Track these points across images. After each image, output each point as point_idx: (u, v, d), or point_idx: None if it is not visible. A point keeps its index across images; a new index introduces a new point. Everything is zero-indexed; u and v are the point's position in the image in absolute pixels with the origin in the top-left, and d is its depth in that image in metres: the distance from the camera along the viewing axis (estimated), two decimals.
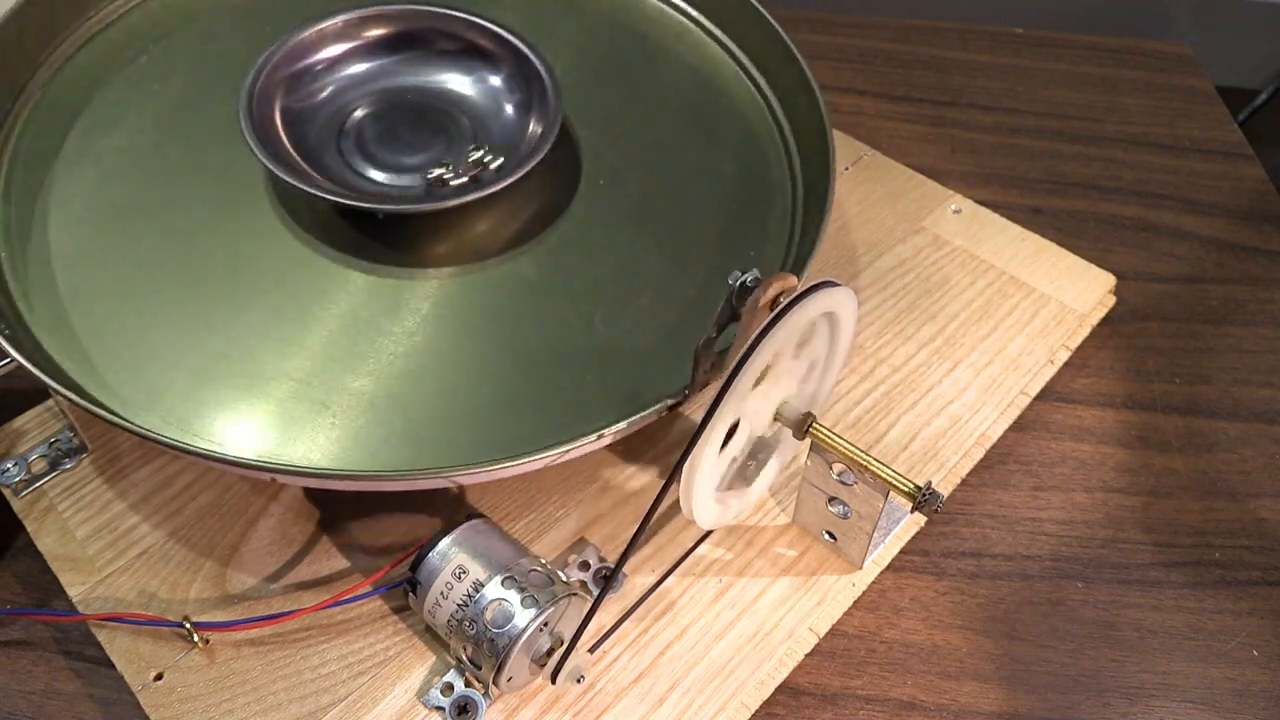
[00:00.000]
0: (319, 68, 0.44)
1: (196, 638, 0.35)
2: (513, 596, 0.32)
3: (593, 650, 0.35)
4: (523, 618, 0.32)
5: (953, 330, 0.46)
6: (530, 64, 0.43)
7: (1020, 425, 0.44)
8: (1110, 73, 0.66)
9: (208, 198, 0.41)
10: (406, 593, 0.34)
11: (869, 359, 0.45)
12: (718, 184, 0.44)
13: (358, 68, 0.45)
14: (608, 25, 0.50)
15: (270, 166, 0.39)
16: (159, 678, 0.35)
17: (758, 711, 0.35)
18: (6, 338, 0.34)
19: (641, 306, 0.39)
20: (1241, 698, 0.37)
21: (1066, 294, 0.48)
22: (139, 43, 0.47)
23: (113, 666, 0.35)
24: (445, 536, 0.34)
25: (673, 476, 0.31)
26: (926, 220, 0.52)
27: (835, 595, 0.38)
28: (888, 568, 0.40)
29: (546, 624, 0.32)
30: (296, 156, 0.41)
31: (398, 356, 0.37)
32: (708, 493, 0.34)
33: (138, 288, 0.38)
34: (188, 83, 0.45)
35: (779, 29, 0.46)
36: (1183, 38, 0.72)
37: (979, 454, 0.42)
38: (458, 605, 0.32)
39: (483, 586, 0.32)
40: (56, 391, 0.32)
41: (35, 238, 0.40)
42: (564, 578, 0.34)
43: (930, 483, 0.33)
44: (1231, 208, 0.57)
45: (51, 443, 0.41)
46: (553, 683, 0.32)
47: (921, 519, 0.41)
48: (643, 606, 0.37)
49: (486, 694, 0.34)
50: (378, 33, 0.45)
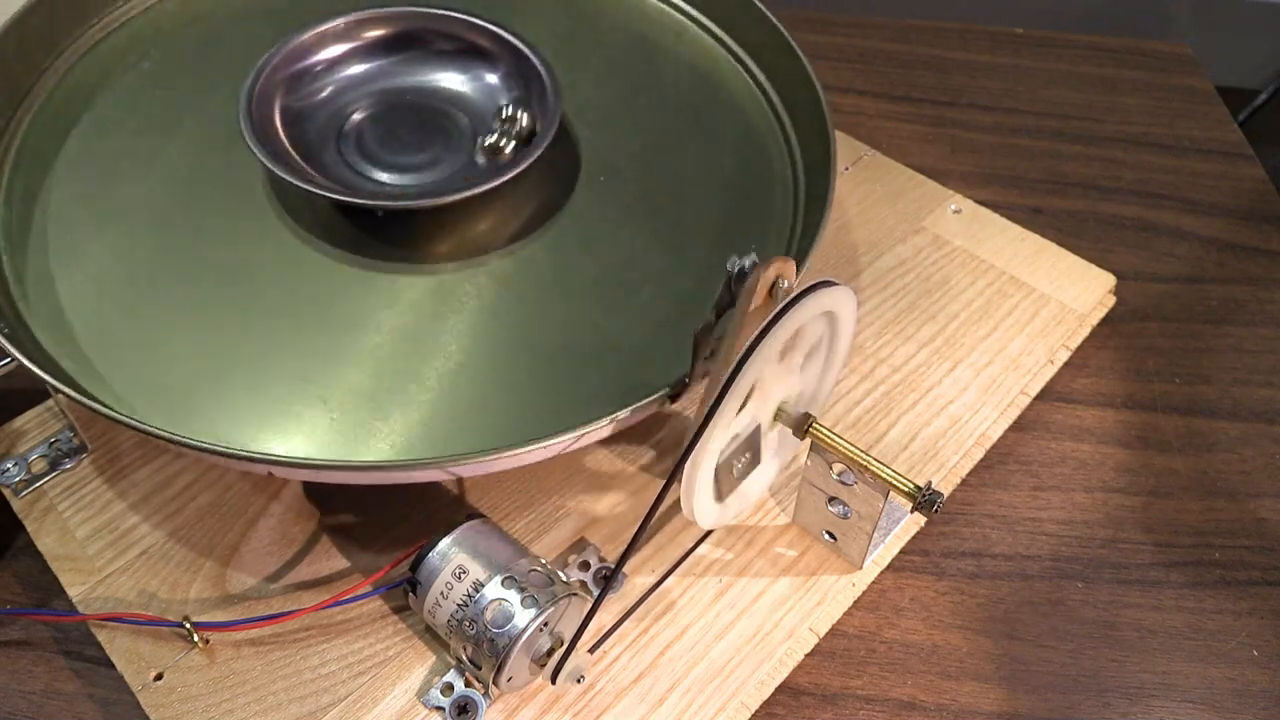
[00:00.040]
0: (318, 69, 0.44)
1: (196, 638, 0.35)
2: (513, 596, 0.32)
3: (593, 650, 0.35)
4: (523, 618, 0.32)
5: (953, 330, 0.46)
6: (528, 61, 0.43)
7: (1020, 425, 0.44)
8: (1110, 73, 0.66)
9: (207, 199, 0.41)
10: (406, 593, 0.34)
11: (869, 359, 0.45)
12: (718, 179, 0.43)
13: (357, 69, 0.45)
14: (607, 23, 0.50)
15: (268, 164, 0.39)
16: (159, 678, 0.35)
17: (758, 711, 0.35)
18: (6, 336, 0.34)
19: (642, 300, 0.39)
20: (1241, 698, 0.37)
21: (1066, 294, 0.48)
22: (141, 47, 0.47)
23: (113, 666, 0.35)
24: (445, 536, 0.34)
25: (673, 477, 0.31)
26: (926, 220, 0.52)
27: (835, 595, 0.38)
28: (888, 568, 0.40)
29: (546, 624, 0.32)
30: (296, 156, 0.41)
31: (396, 352, 0.37)
32: (708, 493, 0.34)
33: (137, 288, 0.39)
34: (188, 87, 0.45)
35: (776, 23, 0.46)
36: (1183, 38, 0.72)
37: (979, 454, 0.42)
38: (458, 605, 0.32)
39: (483, 586, 0.32)
40: (55, 389, 0.32)
41: (36, 239, 0.40)
42: (564, 578, 0.34)
43: (930, 483, 0.33)
44: (1231, 208, 0.57)
45: (51, 443, 0.41)
46: (553, 683, 0.32)
47: (921, 519, 0.41)
48: (643, 606, 0.37)
49: (486, 694, 0.34)
50: (376, 34, 0.45)
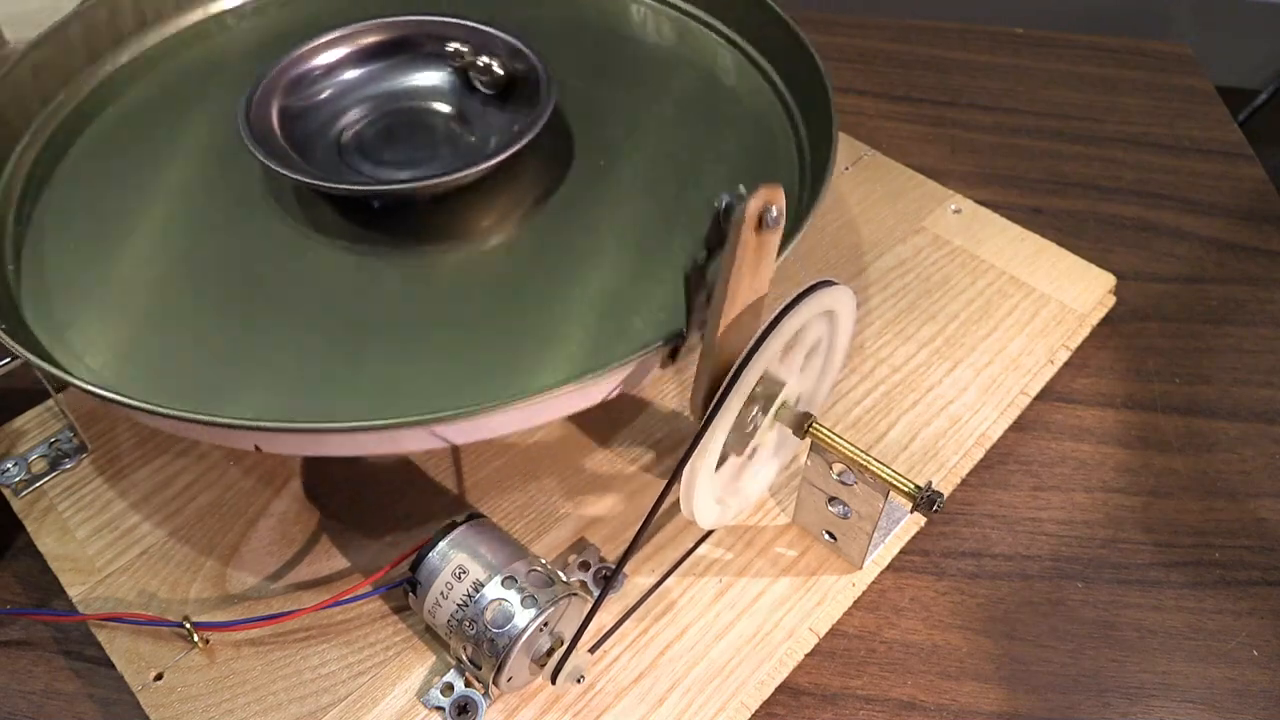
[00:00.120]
0: (316, 73, 0.45)
1: (196, 638, 0.35)
2: (513, 596, 0.32)
3: (593, 650, 0.35)
4: (523, 618, 0.32)
5: (953, 330, 0.46)
6: (519, 54, 0.44)
7: (1020, 425, 0.44)
8: (1110, 73, 0.66)
9: (208, 206, 0.42)
10: (406, 593, 0.34)
11: (869, 359, 0.45)
12: (721, 159, 0.43)
13: (352, 73, 0.45)
14: (604, 19, 0.50)
15: (265, 160, 0.39)
16: (159, 678, 0.35)
17: (758, 711, 0.35)
18: (6, 332, 0.34)
19: (643, 277, 0.39)
20: (1241, 698, 0.37)
21: (1066, 294, 0.48)
22: (149, 75, 0.48)
23: (113, 666, 0.35)
24: (445, 536, 0.34)
25: (674, 477, 0.31)
26: (926, 220, 0.52)
27: (835, 595, 0.38)
28: (888, 568, 0.40)
29: (546, 624, 0.32)
30: (294, 155, 0.41)
31: (397, 339, 0.37)
32: (708, 493, 0.34)
33: (138, 291, 0.39)
34: (192, 105, 0.46)
35: (774, 7, 0.46)
36: (1183, 38, 0.72)
37: (979, 454, 0.42)
38: (458, 605, 0.32)
39: (483, 586, 0.32)
40: (60, 381, 0.32)
41: (36, 251, 0.40)
42: (564, 578, 0.34)
43: (930, 483, 0.33)
44: (1231, 208, 0.57)
45: (51, 443, 0.41)
46: (553, 683, 0.32)
47: (921, 519, 0.41)
48: (643, 606, 0.37)
49: (486, 694, 0.34)
50: (371, 40, 0.46)
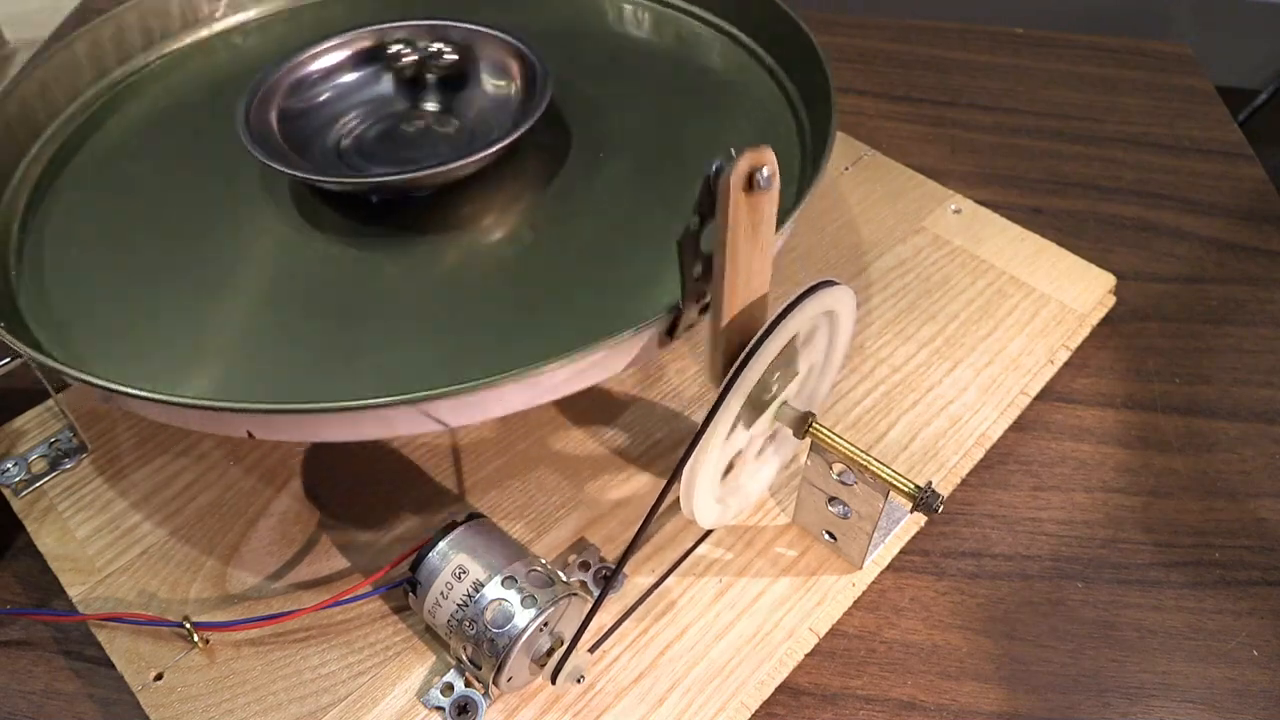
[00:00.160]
0: (315, 76, 0.45)
1: (196, 638, 0.35)
2: (513, 596, 0.32)
3: (593, 650, 0.35)
4: (523, 618, 0.32)
5: (953, 330, 0.46)
6: (516, 50, 0.44)
7: (1020, 425, 0.44)
8: (1110, 73, 0.66)
9: (208, 211, 0.42)
10: (406, 593, 0.34)
11: (869, 359, 0.45)
12: (721, 147, 0.43)
13: (351, 76, 0.46)
14: (603, 16, 0.51)
15: (265, 160, 0.39)
16: (159, 678, 0.35)
17: (758, 711, 0.35)
18: (5, 329, 0.34)
19: (644, 260, 0.39)
20: (1241, 698, 0.37)
21: (1066, 294, 0.48)
22: (154, 89, 0.48)
23: (113, 666, 0.35)
24: (445, 536, 0.34)
25: (674, 477, 0.31)
26: (926, 220, 0.52)
27: (835, 595, 0.38)
28: (888, 568, 0.40)
29: (546, 624, 0.32)
30: (293, 155, 0.41)
31: (396, 329, 0.37)
32: (708, 493, 0.34)
33: (138, 290, 0.39)
34: (197, 120, 0.47)
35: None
36: (1183, 38, 0.72)
37: (979, 454, 0.42)
38: (458, 605, 0.32)
39: (483, 586, 0.32)
40: (64, 374, 0.32)
41: (34, 254, 0.40)
42: (564, 578, 0.34)
43: (930, 483, 0.33)
44: (1231, 208, 0.57)
45: (51, 443, 0.42)
46: (553, 683, 0.32)
47: (921, 519, 0.41)
48: (643, 606, 0.37)
49: (486, 694, 0.34)
50: (370, 44, 0.46)
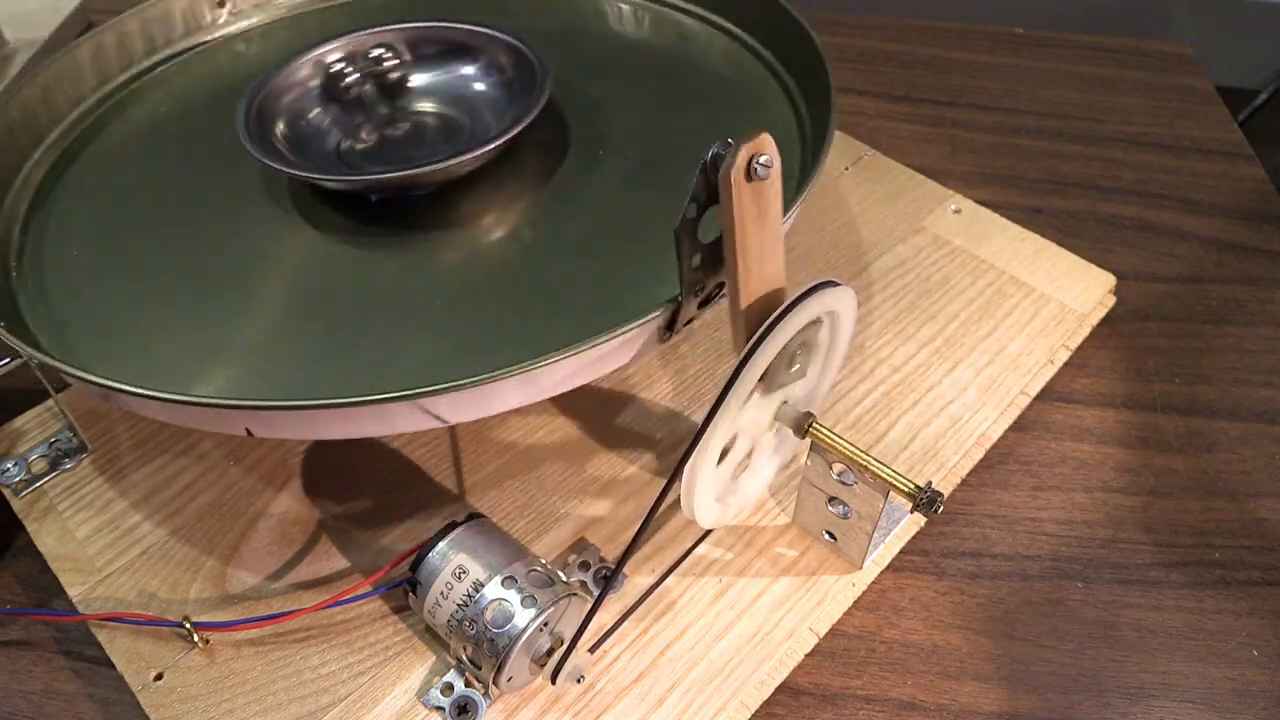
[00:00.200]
0: (315, 80, 0.45)
1: (196, 638, 0.35)
2: (513, 596, 0.32)
3: (593, 650, 0.35)
4: (523, 618, 0.32)
5: (953, 330, 0.46)
6: (514, 48, 0.44)
7: (1020, 425, 0.44)
8: (1110, 73, 0.66)
9: (208, 210, 0.42)
10: (406, 593, 0.34)
11: (869, 359, 0.45)
12: (720, 140, 0.43)
13: (349, 79, 0.46)
14: (602, 15, 0.51)
15: (265, 159, 0.39)
16: (159, 678, 0.35)
17: (758, 711, 0.35)
18: (5, 329, 0.34)
19: (644, 257, 0.39)
20: (1241, 698, 0.37)
21: (1066, 294, 0.48)
22: (156, 94, 0.49)
23: (113, 666, 0.35)
24: (445, 536, 0.34)
25: (674, 476, 0.31)
26: (926, 220, 0.52)
27: (835, 595, 0.38)
28: (888, 568, 0.40)
29: (546, 624, 0.32)
30: (293, 156, 0.41)
31: (395, 327, 0.37)
32: (708, 492, 0.34)
33: (138, 290, 0.39)
34: (197, 125, 0.46)
35: None
36: (1183, 38, 0.72)
37: (979, 454, 0.42)
38: (458, 605, 0.32)
39: (483, 586, 0.32)
40: (66, 374, 0.32)
41: (36, 243, 0.40)
42: (564, 578, 0.34)
43: (930, 483, 0.33)
44: (1231, 208, 0.57)
45: (51, 443, 0.42)
46: (553, 683, 0.32)
47: (921, 519, 0.41)
48: (643, 606, 0.37)
49: (486, 694, 0.34)
50: (367, 47, 0.46)
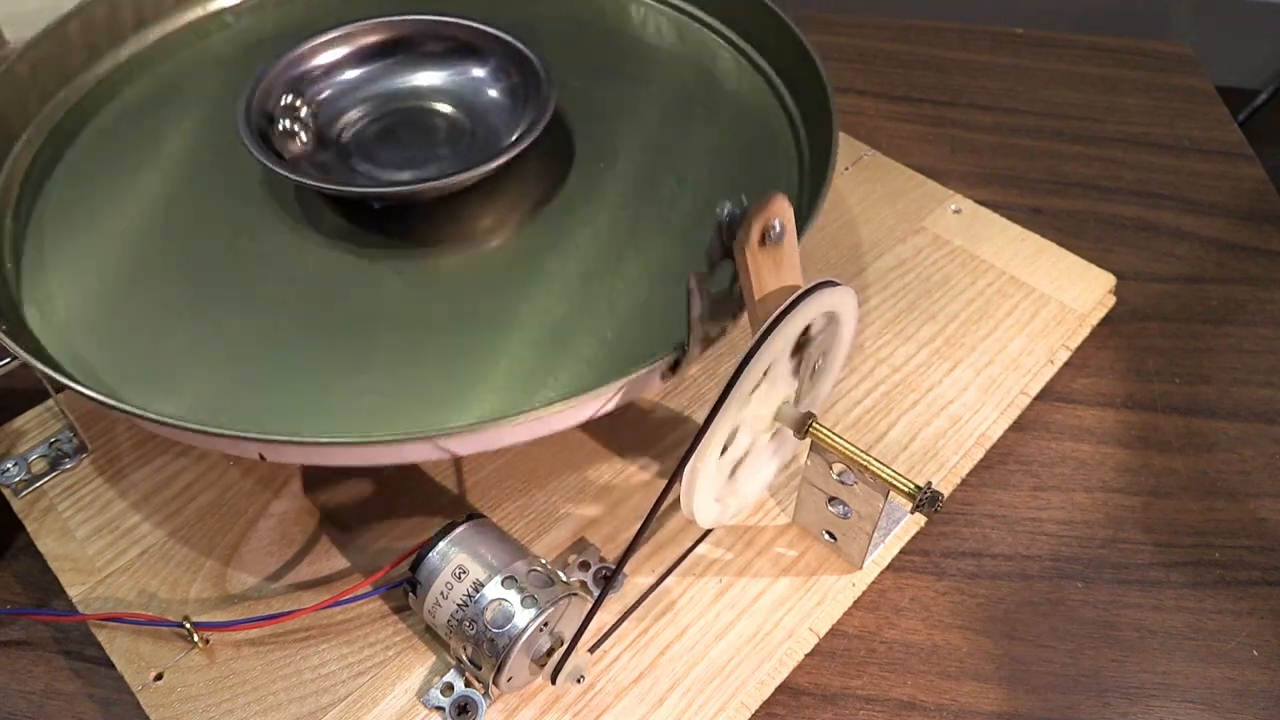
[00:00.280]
0: (316, 73, 0.44)
1: (196, 638, 0.35)
2: (513, 596, 0.32)
3: (593, 650, 0.35)
4: (523, 618, 0.32)
5: (953, 330, 0.46)
6: (521, 55, 0.44)
7: (1020, 425, 0.44)
8: (1110, 73, 0.66)
9: (208, 207, 0.42)
10: (406, 593, 0.34)
11: (869, 359, 0.45)
12: (721, 165, 0.43)
13: (352, 73, 0.45)
14: (603, 19, 0.51)
15: (264, 161, 0.39)
16: (159, 678, 0.35)
17: (758, 711, 0.35)
18: (5, 333, 0.34)
19: (645, 280, 0.39)
20: (1241, 698, 0.37)
21: (1066, 294, 0.48)
22: (148, 74, 0.48)
23: (113, 666, 0.35)
24: (445, 536, 0.34)
25: (675, 476, 0.31)
26: (926, 220, 0.52)
27: (835, 595, 0.38)
28: (888, 568, 0.40)
29: (546, 624, 0.32)
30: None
31: (397, 340, 0.37)
32: (708, 492, 0.34)
33: (137, 288, 0.39)
34: (191, 104, 0.46)
35: (772, 6, 0.46)
36: (1183, 38, 0.72)
37: (979, 454, 0.42)
38: (458, 605, 0.32)
39: (483, 586, 0.32)
40: (58, 384, 0.32)
41: (35, 244, 0.40)
42: (564, 578, 0.34)
43: (930, 483, 0.33)
44: (1231, 208, 0.57)
45: (51, 443, 0.41)
46: (553, 683, 0.32)
47: (921, 519, 0.41)
48: (643, 606, 0.37)
49: (486, 694, 0.34)
50: (370, 40, 0.45)
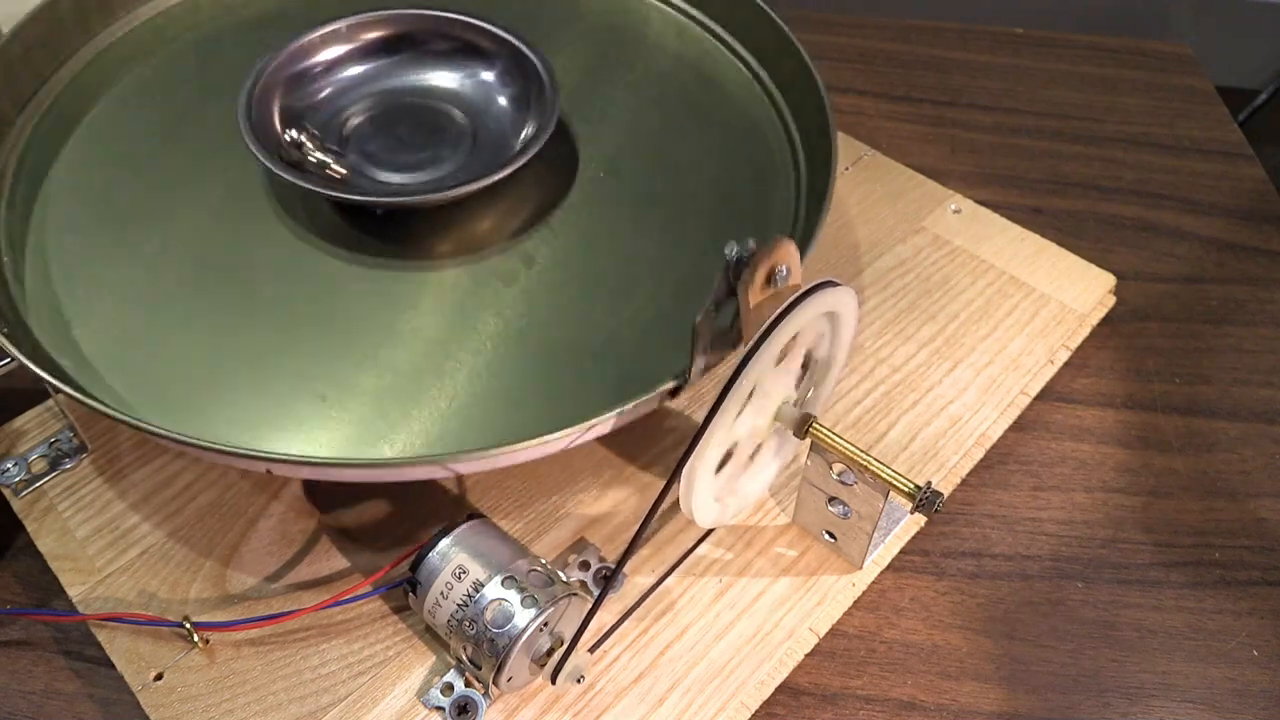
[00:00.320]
0: (317, 70, 0.44)
1: (196, 638, 0.35)
2: (513, 596, 0.32)
3: (593, 650, 0.35)
4: (523, 618, 0.32)
5: (953, 330, 0.46)
6: (526, 59, 0.44)
7: (1020, 425, 0.44)
8: (1110, 73, 0.66)
9: (208, 202, 0.42)
10: (406, 593, 0.34)
11: (869, 359, 0.45)
12: (720, 174, 0.43)
13: (355, 70, 0.45)
14: (605, 23, 0.50)
15: (267, 163, 0.39)
16: (159, 678, 0.35)
17: (758, 711, 0.35)
18: (6, 336, 0.34)
19: (643, 294, 0.39)
20: (1241, 698, 0.37)
21: (1066, 294, 0.48)
22: (143, 55, 0.47)
23: (113, 666, 0.35)
24: (445, 536, 0.34)
25: (674, 477, 0.31)
26: (926, 220, 0.51)
27: (835, 595, 0.38)
28: (888, 568, 0.40)
29: (546, 624, 0.32)
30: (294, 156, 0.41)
31: (395, 350, 0.37)
32: (708, 492, 0.34)
33: (137, 288, 0.39)
34: (189, 93, 0.46)
35: (776, 19, 0.46)
36: (1183, 38, 0.72)
37: (979, 454, 0.42)
38: (458, 605, 0.32)
39: (483, 586, 0.32)
40: (55, 388, 0.32)
41: (36, 242, 0.40)
42: (564, 578, 0.34)
43: (930, 483, 0.33)
44: (1231, 208, 0.57)
45: (51, 443, 0.41)
46: (553, 683, 0.32)
47: (921, 519, 0.41)
48: (643, 606, 0.37)
49: (486, 694, 0.34)
50: (374, 35, 0.45)
